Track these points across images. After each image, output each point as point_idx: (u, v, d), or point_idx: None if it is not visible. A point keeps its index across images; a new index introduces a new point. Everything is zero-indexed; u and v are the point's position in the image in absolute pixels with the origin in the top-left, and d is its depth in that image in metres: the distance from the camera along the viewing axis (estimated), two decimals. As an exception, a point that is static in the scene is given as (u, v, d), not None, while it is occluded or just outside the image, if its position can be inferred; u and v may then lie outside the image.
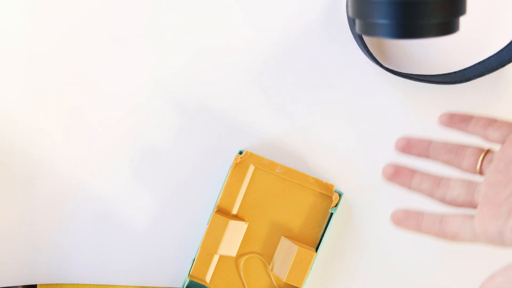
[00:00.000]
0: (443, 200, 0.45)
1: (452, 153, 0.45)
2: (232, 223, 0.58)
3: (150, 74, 0.60)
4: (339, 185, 0.60)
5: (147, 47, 0.60)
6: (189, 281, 0.60)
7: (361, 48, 0.57)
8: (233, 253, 0.60)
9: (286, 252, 0.58)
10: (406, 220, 0.45)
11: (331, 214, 0.59)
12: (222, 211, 0.59)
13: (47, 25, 0.60)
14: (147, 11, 0.60)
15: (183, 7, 0.60)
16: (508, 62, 0.56)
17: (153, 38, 0.60)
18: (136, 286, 0.63)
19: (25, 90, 0.61)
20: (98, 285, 0.63)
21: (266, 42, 0.60)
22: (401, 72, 0.57)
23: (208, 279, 0.60)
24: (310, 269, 0.57)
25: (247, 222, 0.60)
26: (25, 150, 0.61)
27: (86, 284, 0.63)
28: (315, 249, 0.59)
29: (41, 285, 0.63)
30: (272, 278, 0.60)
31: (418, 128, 0.60)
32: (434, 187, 0.45)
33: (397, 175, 0.46)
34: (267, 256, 0.60)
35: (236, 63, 0.60)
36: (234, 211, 0.60)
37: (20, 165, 0.61)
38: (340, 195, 0.59)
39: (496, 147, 0.44)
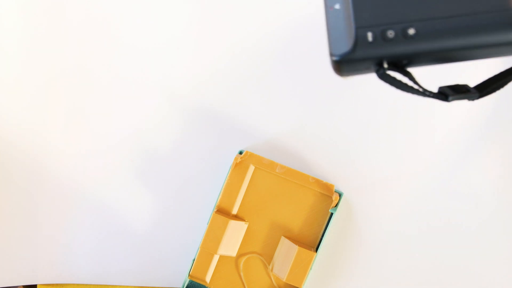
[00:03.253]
0: None
1: None
2: (232, 223, 0.58)
3: (150, 75, 0.60)
4: (339, 185, 0.60)
5: (148, 48, 0.60)
6: (189, 281, 0.60)
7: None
8: (233, 253, 0.60)
9: (286, 252, 0.58)
10: None
11: (331, 214, 0.59)
12: (222, 211, 0.59)
13: (53, 24, 0.60)
14: (147, 13, 0.60)
15: (183, 9, 0.60)
16: None
17: (153, 38, 0.60)
18: (136, 286, 0.63)
19: (26, 91, 0.61)
20: (98, 285, 0.63)
21: (266, 43, 0.60)
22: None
23: (208, 279, 0.60)
24: (310, 269, 0.57)
25: (247, 222, 0.60)
26: (25, 151, 0.61)
27: (86, 284, 0.63)
28: (315, 249, 0.59)
29: (41, 285, 0.63)
30: (272, 278, 0.60)
31: (417, 128, 0.60)
32: None
33: None
34: (267, 256, 0.60)
35: (236, 63, 0.60)
36: (234, 211, 0.60)
37: (20, 165, 0.61)
38: (340, 195, 0.59)
39: None
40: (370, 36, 0.37)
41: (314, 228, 0.60)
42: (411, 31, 0.37)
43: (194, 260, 0.59)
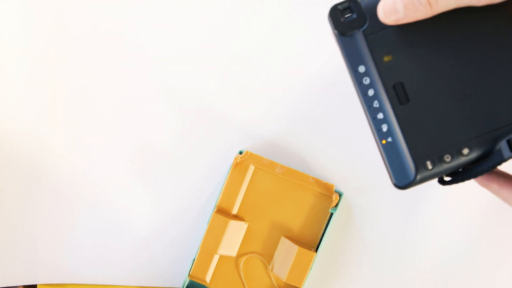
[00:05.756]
0: None
1: None
2: (232, 223, 0.58)
3: (150, 74, 0.60)
4: (339, 185, 0.60)
5: (147, 48, 0.60)
6: (189, 281, 0.60)
7: None
8: (233, 253, 0.60)
9: (286, 252, 0.58)
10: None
11: (331, 214, 0.59)
12: (222, 211, 0.59)
13: (51, 26, 0.60)
14: (146, 13, 0.60)
15: (184, 10, 0.60)
16: None
17: (153, 38, 0.60)
18: (136, 286, 0.63)
19: (26, 90, 0.61)
20: (98, 285, 0.63)
21: (267, 43, 0.60)
22: None
23: (208, 279, 0.60)
24: (310, 269, 0.57)
25: (247, 222, 0.60)
26: (25, 151, 0.61)
27: (86, 284, 0.63)
28: (315, 249, 0.59)
29: (41, 285, 0.63)
30: (272, 278, 0.60)
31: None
32: None
33: None
34: (267, 256, 0.60)
35: (236, 63, 0.60)
36: (234, 211, 0.60)
37: (20, 165, 0.61)
38: (340, 195, 0.59)
39: None
40: (429, 164, 0.40)
41: (314, 228, 0.60)
42: (466, 150, 0.40)
43: (194, 260, 0.60)
